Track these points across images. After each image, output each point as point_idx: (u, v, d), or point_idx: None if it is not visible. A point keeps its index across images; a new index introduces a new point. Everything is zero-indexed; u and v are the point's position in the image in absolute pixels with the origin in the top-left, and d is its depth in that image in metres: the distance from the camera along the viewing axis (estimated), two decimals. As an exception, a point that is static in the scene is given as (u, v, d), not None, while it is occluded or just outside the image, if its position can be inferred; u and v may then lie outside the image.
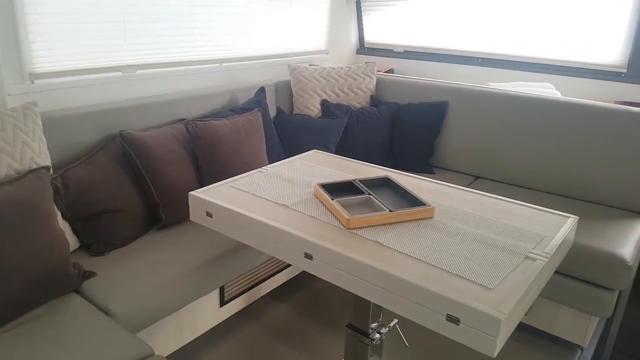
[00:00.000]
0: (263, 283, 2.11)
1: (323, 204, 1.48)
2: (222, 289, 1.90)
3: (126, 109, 1.95)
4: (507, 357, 1.88)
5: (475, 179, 2.50)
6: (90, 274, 1.47)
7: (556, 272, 1.84)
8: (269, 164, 2.28)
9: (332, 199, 1.43)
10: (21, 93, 1.74)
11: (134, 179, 1.79)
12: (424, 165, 2.56)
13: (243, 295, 2.03)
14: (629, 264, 1.69)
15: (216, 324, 1.94)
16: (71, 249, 1.61)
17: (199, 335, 1.87)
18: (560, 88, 2.84)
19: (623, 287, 1.74)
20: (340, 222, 1.36)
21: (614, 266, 1.70)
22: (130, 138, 1.78)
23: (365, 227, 1.34)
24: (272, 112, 2.63)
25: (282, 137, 2.51)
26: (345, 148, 2.58)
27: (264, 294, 2.17)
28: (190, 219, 1.58)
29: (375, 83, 2.81)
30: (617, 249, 1.73)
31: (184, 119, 2.09)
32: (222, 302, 1.93)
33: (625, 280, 1.71)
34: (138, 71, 2.19)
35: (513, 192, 2.27)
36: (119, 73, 2.11)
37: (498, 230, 1.32)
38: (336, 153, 2.55)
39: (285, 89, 2.70)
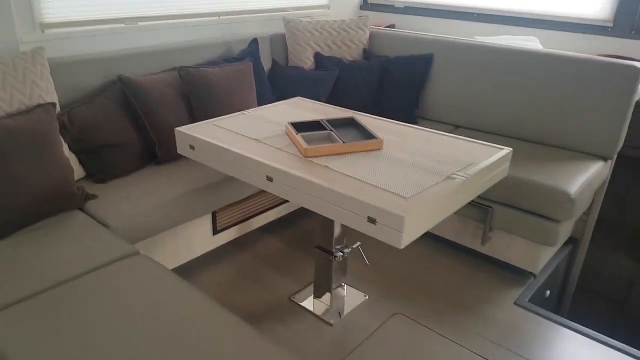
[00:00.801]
0: (254, 218, 2.36)
1: (290, 139, 1.69)
2: (214, 219, 2.16)
3: (127, 57, 2.17)
4: (466, 284, 2.09)
5: (455, 128, 2.65)
6: (92, 196, 1.74)
7: (509, 205, 2.02)
8: (260, 110, 2.49)
9: (297, 134, 1.64)
10: (32, 41, 1.98)
11: (133, 119, 2.03)
12: (408, 115, 2.71)
13: (235, 227, 2.29)
14: (572, 197, 1.85)
15: (210, 249, 2.21)
16: (78, 177, 1.88)
17: (194, 257, 2.14)
18: (546, 42, 2.91)
19: (567, 219, 1.91)
20: (300, 152, 1.58)
21: (559, 199, 1.87)
22: (129, 82, 2.01)
23: (320, 156, 1.55)
24: (268, 64, 2.81)
25: (275, 88, 2.70)
26: (335, 99, 2.75)
27: (254, 228, 2.42)
28: (178, 152, 1.82)
29: (368, 36, 2.94)
30: (564, 184, 1.90)
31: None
32: (215, 231, 2.19)
33: (568, 212, 1.88)
34: (140, 23, 2.39)
35: (488, 139, 2.42)
36: (122, 25, 2.33)
37: (434, 159, 1.51)
38: (327, 103, 2.73)
39: (280, 42, 2.87)
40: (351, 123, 1.81)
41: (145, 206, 1.73)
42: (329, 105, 2.14)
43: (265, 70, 2.69)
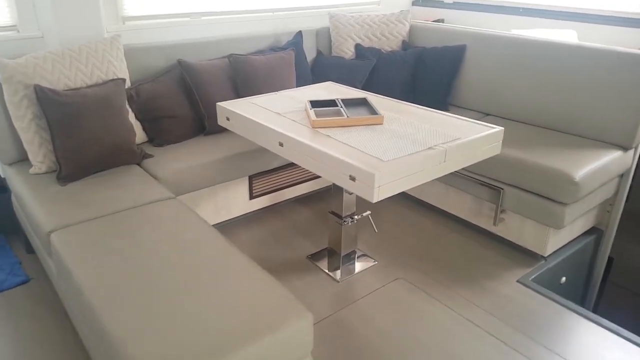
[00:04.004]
0: (286, 189, 2.66)
1: (306, 113, 1.96)
2: (250, 185, 2.49)
3: (187, 46, 2.56)
4: (474, 260, 2.24)
5: (485, 115, 2.77)
6: (149, 155, 2.13)
7: (519, 187, 2.14)
8: (301, 95, 2.78)
9: (311, 109, 1.91)
10: (115, 31, 2.43)
11: (188, 96, 2.41)
12: (441, 102, 2.87)
13: (269, 195, 2.61)
14: (576, 180, 1.94)
15: (246, 212, 2.54)
16: (141, 140, 2.30)
17: (233, 217, 2.49)
18: (587, 36, 2.91)
19: (572, 202, 2.00)
20: (310, 123, 1.84)
21: (563, 182, 1.97)
22: (186, 65, 2.39)
23: (326, 127, 1.80)
24: (313, 54, 3.09)
25: (318, 75, 2.98)
26: (372, 86, 2.97)
27: (287, 198, 2.73)
28: (218, 123, 2.16)
29: (408, 29, 3.12)
30: (569, 168, 1.99)
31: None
32: (252, 196, 2.53)
33: (573, 195, 1.97)
34: (203, 17, 2.79)
35: (513, 127, 2.52)
36: (188, 19, 2.73)
37: (426, 133, 1.71)
38: (363, 89, 2.96)
39: (326, 35, 3.14)
40: (363, 103, 2.04)
41: (189, 165, 2.10)
42: (355, 89, 2.38)
43: (308, 60, 2.98)
